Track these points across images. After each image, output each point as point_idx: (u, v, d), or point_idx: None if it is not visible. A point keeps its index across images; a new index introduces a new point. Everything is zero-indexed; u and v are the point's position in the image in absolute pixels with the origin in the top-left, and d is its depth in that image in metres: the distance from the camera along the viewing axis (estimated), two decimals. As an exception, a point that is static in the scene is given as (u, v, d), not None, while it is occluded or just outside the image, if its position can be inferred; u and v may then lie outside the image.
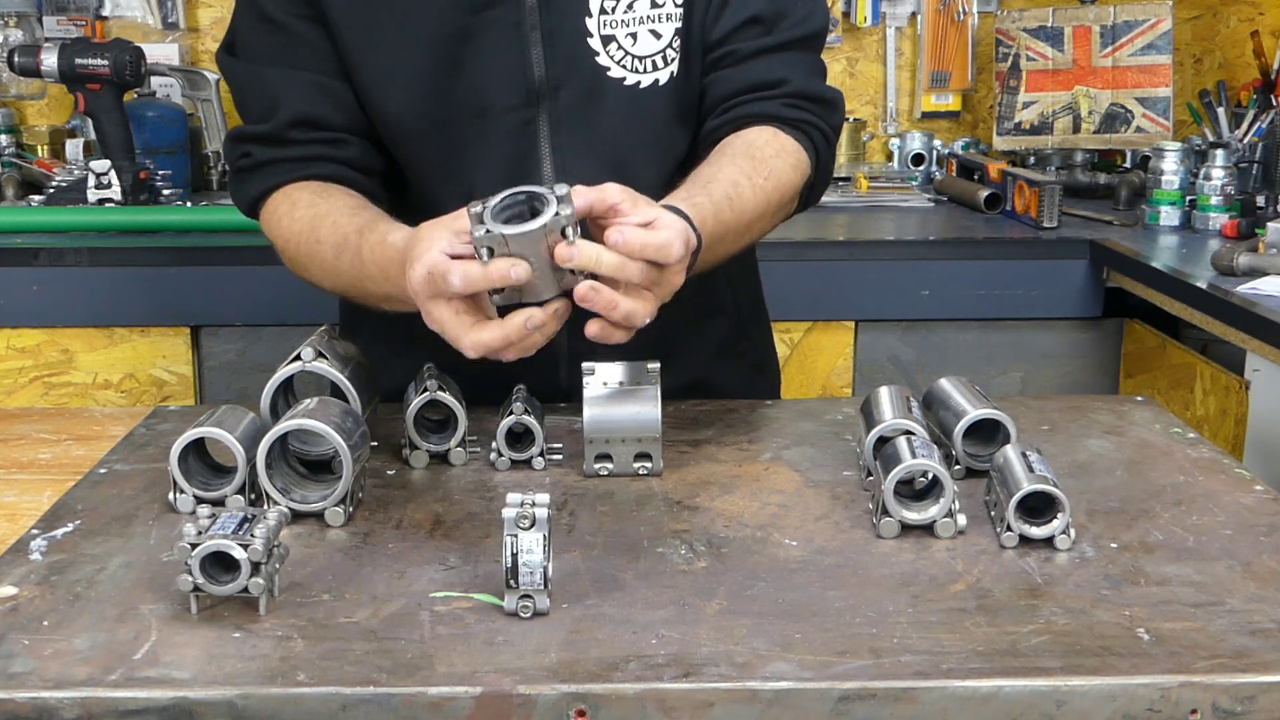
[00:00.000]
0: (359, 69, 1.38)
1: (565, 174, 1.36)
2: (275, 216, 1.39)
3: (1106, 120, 3.00)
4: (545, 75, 1.37)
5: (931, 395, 1.30)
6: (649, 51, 1.38)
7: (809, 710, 0.85)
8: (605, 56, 1.37)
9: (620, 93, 1.38)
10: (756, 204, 1.31)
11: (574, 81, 1.37)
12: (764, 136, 1.37)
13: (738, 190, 1.29)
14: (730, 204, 1.27)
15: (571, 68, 1.37)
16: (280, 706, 0.84)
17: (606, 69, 1.38)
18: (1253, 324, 1.92)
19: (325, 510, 1.11)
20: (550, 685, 0.85)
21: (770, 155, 1.35)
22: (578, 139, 1.38)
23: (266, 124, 1.40)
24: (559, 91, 1.38)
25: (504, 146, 1.38)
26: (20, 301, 2.39)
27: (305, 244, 1.34)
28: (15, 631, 0.92)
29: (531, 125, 1.38)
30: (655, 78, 1.39)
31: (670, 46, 1.39)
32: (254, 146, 1.41)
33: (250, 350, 2.41)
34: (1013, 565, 1.03)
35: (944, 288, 2.48)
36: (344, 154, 1.40)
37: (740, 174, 1.31)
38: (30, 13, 2.99)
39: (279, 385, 1.22)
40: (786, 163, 1.36)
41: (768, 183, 1.32)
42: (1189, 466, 1.25)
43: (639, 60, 1.38)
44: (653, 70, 1.38)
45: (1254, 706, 0.85)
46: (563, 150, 1.39)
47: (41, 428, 1.49)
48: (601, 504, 1.16)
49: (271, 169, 1.40)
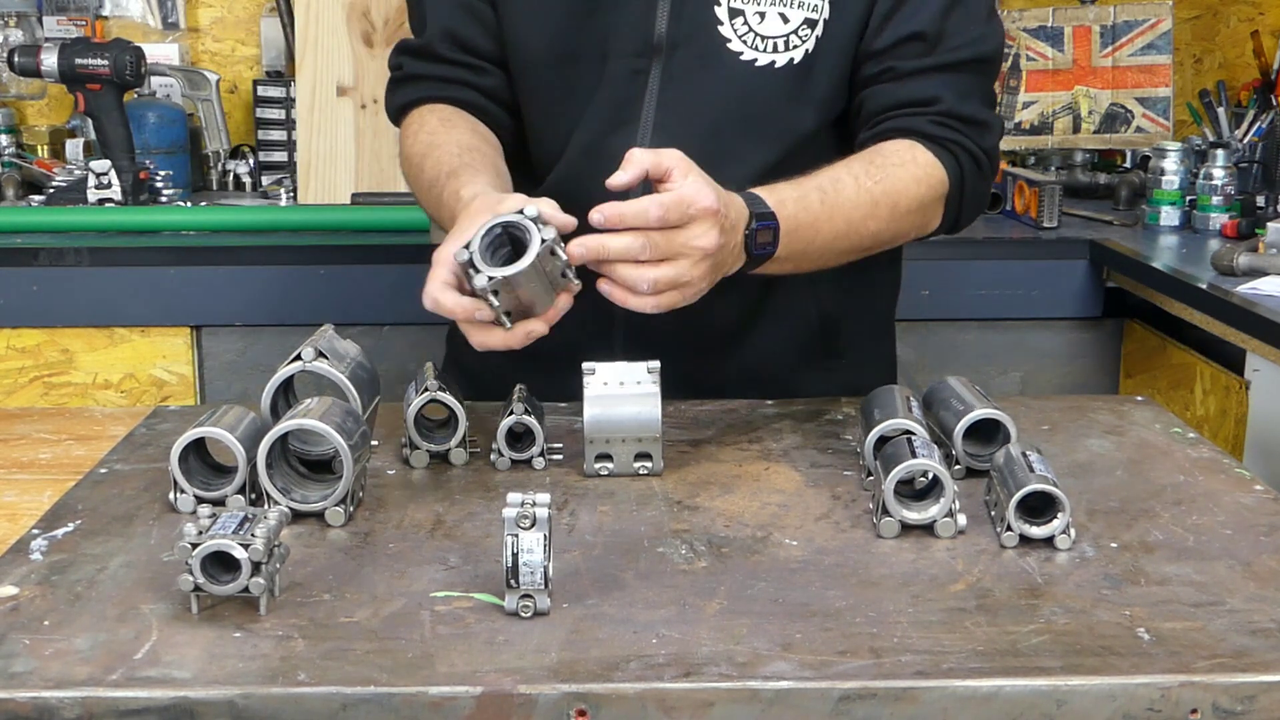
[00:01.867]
0: (506, 5, 1.45)
1: (662, 130, 1.39)
2: (408, 133, 1.49)
3: (1106, 120, 3.00)
4: (665, 31, 1.40)
5: (931, 395, 1.30)
6: (774, 33, 1.39)
7: (809, 710, 0.85)
8: (728, 28, 1.39)
9: (735, 66, 1.39)
10: (858, 203, 1.30)
11: (692, 44, 1.40)
12: (897, 147, 1.37)
13: (836, 185, 1.29)
14: (823, 195, 1.28)
15: (692, 30, 1.39)
16: (281, 706, 0.84)
17: (727, 40, 1.39)
18: (1253, 324, 1.92)
19: (325, 510, 1.11)
20: (551, 685, 0.85)
21: (893, 163, 1.35)
22: (684, 101, 1.40)
23: (419, 37, 1.52)
24: (676, 50, 1.40)
25: (613, 92, 1.41)
26: (20, 301, 2.39)
27: (414, 168, 1.44)
28: (16, 631, 0.92)
29: (642, 76, 1.41)
30: (773, 59, 1.39)
31: (796, 33, 1.39)
32: (406, 59, 1.52)
33: (250, 350, 2.41)
34: (1013, 565, 1.04)
35: (944, 288, 2.48)
36: (483, 82, 1.48)
37: (847, 172, 1.32)
38: (30, 13, 2.99)
39: (279, 385, 1.22)
40: (909, 172, 1.35)
41: (877, 186, 1.32)
42: (1189, 466, 1.25)
43: (762, 39, 1.39)
44: (773, 52, 1.39)
45: (1254, 706, 0.85)
46: (667, 108, 1.40)
47: (42, 428, 1.49)
48: (602, 504, 1.16)
49: (416, 84, 1.51)
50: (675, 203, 1.12)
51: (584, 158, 1.42)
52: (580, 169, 1.41)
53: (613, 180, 1.15)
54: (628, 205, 1.12)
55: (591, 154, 1.40)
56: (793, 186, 1.28)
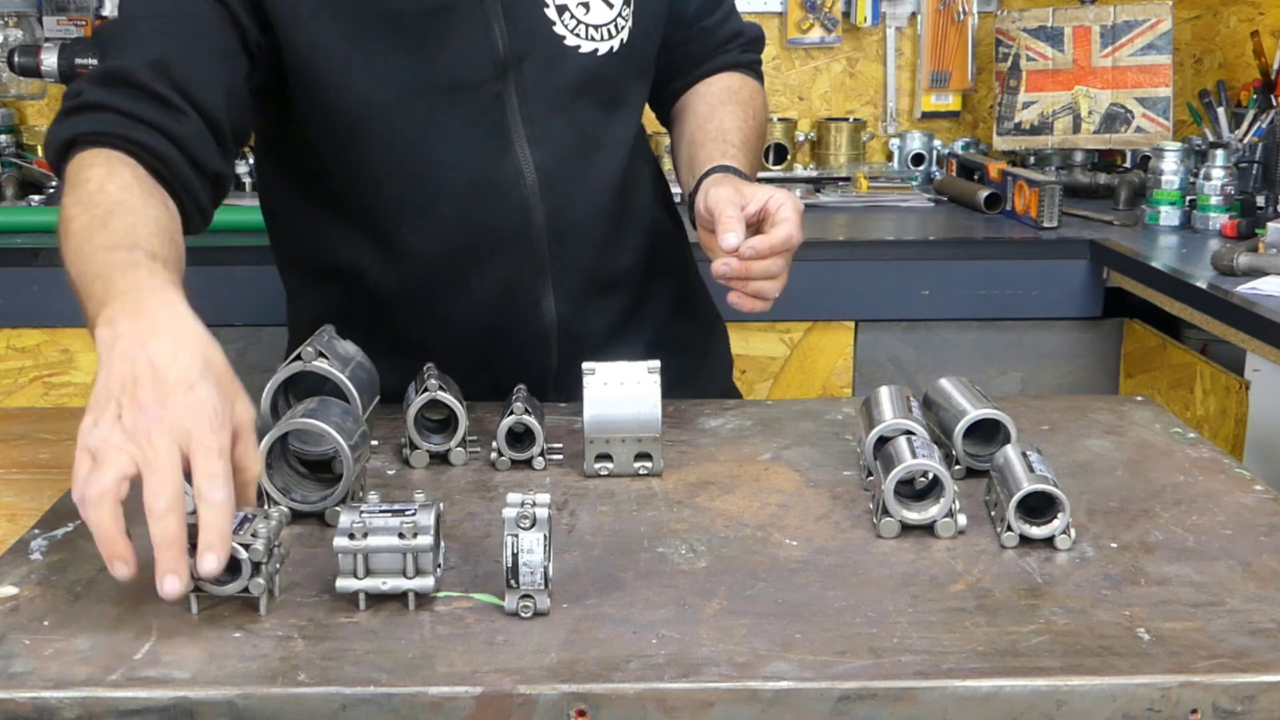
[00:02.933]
0: (323, 56, 1.33)
1: (535, 144, 1.41)
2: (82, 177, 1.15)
3: (1106, 120, 3.00)
4: (509, 47, 1.39)
5: (931, 395, 1.30)
6: (602, 20, 1.44)
7: (809, 710, 0.85)
8: (561, 26, 1.41)
9: (579, 60, 1.43)
10: (751, 139, 1.55)
11: (535, 52, 1.41)
12: (735, 82, 1.61)
13: (744, 136, 1.52)
14: (747, 147, 1.52)
15: (532, 39, 1.40)
16: (281, 706, 0.84)
17: (563, 38, 1.42)
18: (1253, 324, 1.92)
19: (325, 510, 1.11)
20: (550, 685, 0.85)
21: (746, 98, 1.60)
22: (545, 108, 1.42)
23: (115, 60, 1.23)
24: (523, 63, 1.40)
25: (478, 120, 1.40)
26: (20, 301, 2.39)
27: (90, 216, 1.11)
28: (15, 631, 0.92)
29: (501, 98, 1.40)
30: (611, 45, 1.44)
31: (621, 15, 1.45)
32: (88, 85, 1.21)
33: (250, 350, 2.41)
34: (1013, 565, 1.04)
35: (944, 288, 2.48)
36: (180, 128, 1.21)
37: (740, 119, 1.54)
38: (30, 13, 2.99)
39: (279, 385, 1.22)
40: (760, 102, 1.63)
41: (757, 121, 1.58)
42: (1189, 466, 1.25)
43: (593, 29, 1.43)
44: (607, 38, 1.44)
45: (1254, 706, 0.85)
46: (532, 120, 1.41)
47: (42, 428, 1.50)
48: (602, 504, 1.16)
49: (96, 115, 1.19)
50: (796, 227, 1.32)
51: (478, 195, 1.40)
52: (478, 208, 1.41)
53: (726, 243, 1.29)
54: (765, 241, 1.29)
55: (485, 190, 1.40)
56: (734, 148, 1.49)
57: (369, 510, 0.95)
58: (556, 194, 1.42)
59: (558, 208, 1.43)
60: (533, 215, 1.42)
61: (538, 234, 1.43)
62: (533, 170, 1.41)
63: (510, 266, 1.43)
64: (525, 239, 1.42)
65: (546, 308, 1.46)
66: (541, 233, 1.43)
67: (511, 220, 1.41)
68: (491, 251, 1.42)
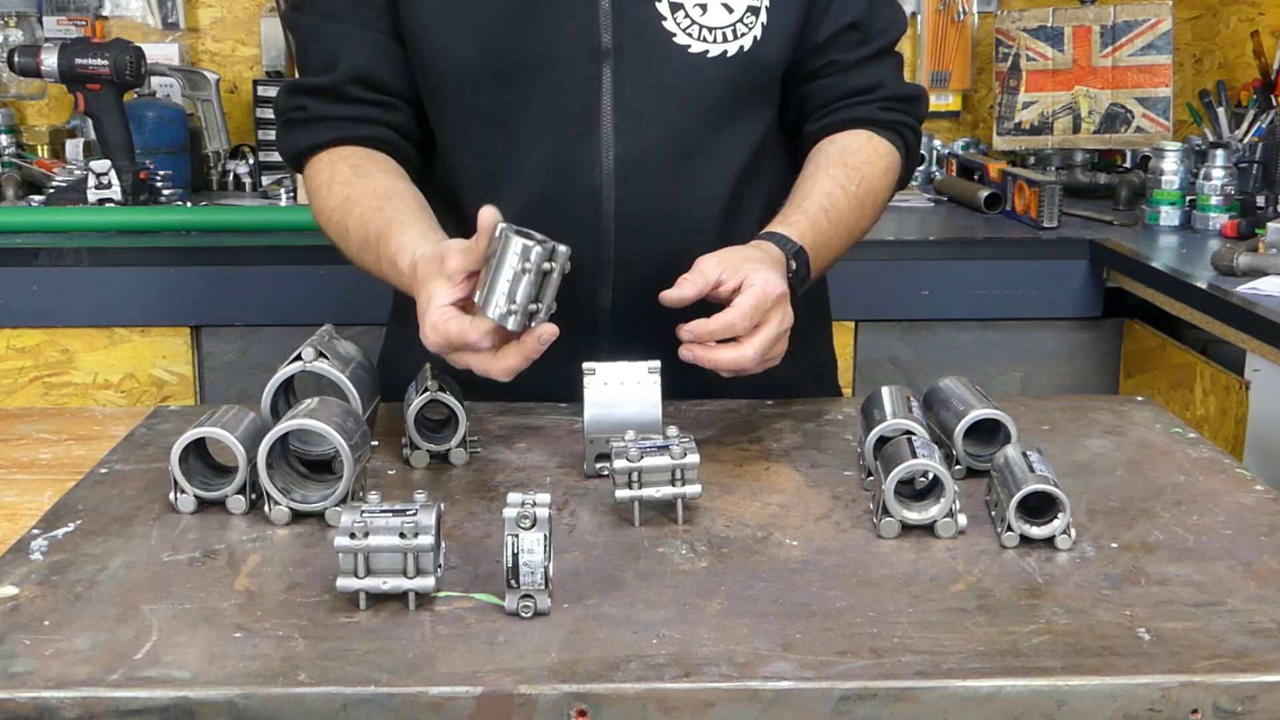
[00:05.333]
0: (425, 18, 1.40)
1: (626, 135, 1.40)
2: (316, 182, 1.44)
3: (1106, 120, 3.00)
4: (611, 35, 1.39)
5: (931, 395, 1.30)
6: (719, 24, 1.40)
7: (809, 710, 0.85)
8: (672, 23, 1.39)
9: (685, 60, 1.40)
10: (851, 211, 1.42)
11: (639, 44, 1.39)
12: (858, 141, 1.47)
13: (832, 201, 1.40)
14: (826, 215, 1.39)
15: (637, 31, 1.39)
16: (281, 706, 0.84)
17: (672, 35, 1.40)
18: (1253, 324, 1.92)
19: (325, 510, 1.11)
20: (551, 685, 0.85)
21: (863, 161, 1.45)
22: (640, 101, 1.40)
23: (326, 77, 1.44)
24: (624, 52, 1.39)
25: (567, 103, 1.40)
26: (20, 301, 2.39)
27: (336, 229, 1.41)
28: (16, 631, 0.92)
29: (595, 82, 1.39)
30: (724, 49, 1.40)
31: (742, 21, 1.41)
32: (309, 99, 1.45)
33: (250, 350, 2.42)
34: (1013, 565, 1.03)
35: (944, 288, 2.48)
36: (394, 118, 1.45)
37: (834, 184, 1.42)
38: (30, 13, 2.99)
39: (279, 385, 1.22)
40: (878, 167, 1.47)
41: (860, 189, 1.43)
42: (1189, 466, 1.25)
43: (708, 30, 1.40)
44: (722, 41, 1.40)
45: (1255, 706, 0.85)
46: (624, 110, 1.40)
47: (42, 428, 1.49)
48: (602, 504, 1.16)
49: (324, 125, 1.44)
50: (754, 308, 1.21)
51: (551, 174, 1.40)
52: (548, 186, 1.41)
53: (667, 295, 1.22)
54: (714, 322, 1.20)
55: (559, 169, 1.40)
56: (801, 214, 1.37)
57: (369, 510, 0.95)
58: (632, 188, 1.40)
59: (629, 201, 1.40)
60: (602, 204, 1.40)
61: (605, 223, 1.40)
62: (612, 160, 1.39)
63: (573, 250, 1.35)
64: (592, 226, 1.40)
65: (603, 297, 1.43)
66: (609, 222, 1.40)
67: (580, 204, 1.40)
68: (556, 232, 1.31)
